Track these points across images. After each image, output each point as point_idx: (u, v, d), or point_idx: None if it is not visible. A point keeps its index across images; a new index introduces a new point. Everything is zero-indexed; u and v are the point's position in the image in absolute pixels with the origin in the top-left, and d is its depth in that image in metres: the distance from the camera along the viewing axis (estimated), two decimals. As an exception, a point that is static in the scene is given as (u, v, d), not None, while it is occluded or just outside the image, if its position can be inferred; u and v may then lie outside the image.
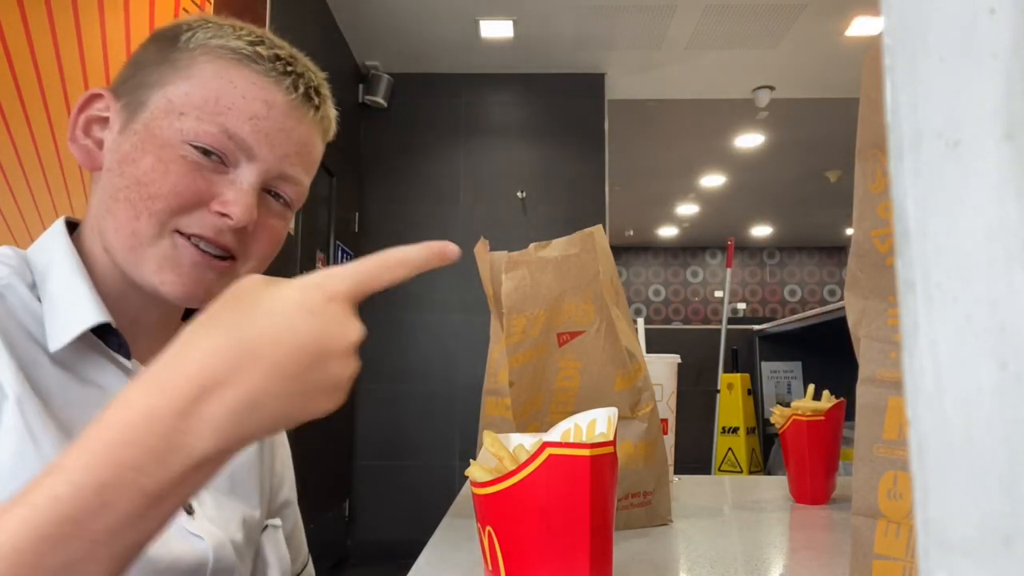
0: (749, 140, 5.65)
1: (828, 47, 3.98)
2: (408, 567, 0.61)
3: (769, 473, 3.84)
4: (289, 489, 0.80)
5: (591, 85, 4.33)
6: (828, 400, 0.91)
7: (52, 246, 0.63)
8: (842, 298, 0.55)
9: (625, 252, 8.96)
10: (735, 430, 3.83)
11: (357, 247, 4.16)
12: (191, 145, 0.60)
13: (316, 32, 3.42)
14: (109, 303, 0.62)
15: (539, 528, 0.44)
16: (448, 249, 0.51)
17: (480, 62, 4.21)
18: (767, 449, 3.96)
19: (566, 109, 4.32)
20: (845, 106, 4.64)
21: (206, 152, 0.61)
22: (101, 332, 0.60)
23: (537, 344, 0.70)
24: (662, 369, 0.92)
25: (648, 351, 0.88)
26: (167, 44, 0.64)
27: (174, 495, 0.40)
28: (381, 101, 4.14)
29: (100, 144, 0.65)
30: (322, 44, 3.49)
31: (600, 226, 0.74)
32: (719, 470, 3.79)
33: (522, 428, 0.72)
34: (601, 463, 0.46)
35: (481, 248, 0.75)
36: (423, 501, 3.95)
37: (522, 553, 0.45)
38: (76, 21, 2.50)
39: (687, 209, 7.64)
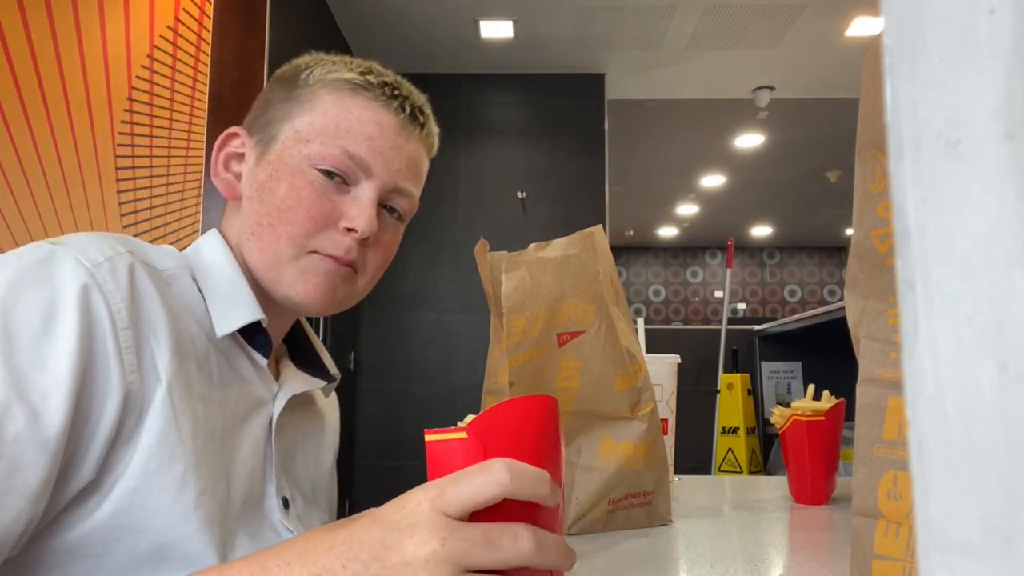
0: (749, 140, 5.65)
1: (828, 47, 3.98)
2: (408, 567, 0.61)
3: (769, 473, 3.84)
4: (327, 508, 0.86)
5: (591, 85, 4.33)
6: (828, 400, 0.91)
7: (213, 250, 0.71)
8: (842, 298, 0.55)
9: (625, 252, 8.95)
10: (735, 430, 3.82)
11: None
12: (317, 169, 0.68)
13: (316, 32, 3.42)
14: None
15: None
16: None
17: (480, 62, 4.21)
18: (767, 449, 3.96)
19: (566, 109, 4.32)
20: (845, 106, 4.64)
21: (330, 175, 0.68)
22: (246, 331, 0.67)
23: (537, 344, 0.70)
24: (662, 369, 0.92)
25: (648, 351, 0.88)
26: (289, 83, 0.72)
27: None
28: (381, 101, 4.13)
29: (239, 177, 0.73)
30: (322, 44, 3.49)
31: (600, 226, 0.74)
32: (719, 470, 3.79)
33: (522, 428, 0.72)
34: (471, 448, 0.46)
35: (481, 248, 0.75)
36: (423, 501, 3.95)
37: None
38: (76, 21, 2.50)
39: (687, 209, 7.64)
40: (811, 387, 0.96)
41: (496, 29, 3.83)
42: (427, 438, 0.46)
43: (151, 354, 0.58)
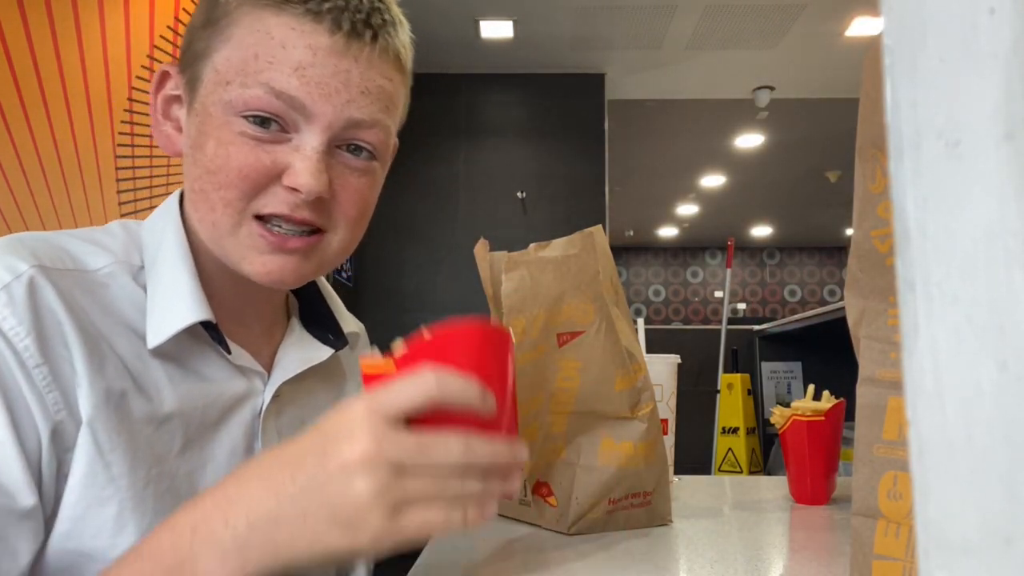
0: (749, 140, 5.65)
1: (828, 47, 3.98)
2: (408, 567, 0.61)
3: (769, 473, 3.84)
4: None
5: (591, 85, 4.33)
6: (828, 400, 0.91)
7: (165, 227, 0.60)
8: (842, 298, 0.55)
9: (625, 252, 8.96)
10: (735, 430, 3.82)
11: (357, 247, 4.15)
12: (244, 117, 0.55)
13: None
14: (216, 292, 0.60)
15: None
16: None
17: (480, 62, 4.21)
18: (767, 449, 3.96)
19: (566, 109, 4.32)
20: (845, 106, 4.64)
21: (262, 122, 0.55)
22: (207, 324, 0.58)
23: (537, 344, 0.70)
24: (662, 369, 0.92)
25: (648, 351, 0.88)
26: (210, 3, 0.58)
27: None
28: (381, 101, 4.13)
29: (179, 126, 0.61)
30: (322, 44, 3.48)
31: (600, 226, 0.74)
32: (719, 470, 3.79)
33: (522, 428, 0.72)
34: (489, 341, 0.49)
35: (481, 248, 0.75)
36: (423, 501, 3.95)
37: None
38: (76, 21, 2.50)
39: (687, 209, 7.64)
40: (811, 387, 0.96)
41: (496, 29, 3.83)
42: (362, 368, 0.48)
43: (72, 387, 0.51)
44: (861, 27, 3.77)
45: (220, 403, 0.60)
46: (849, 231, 0.49)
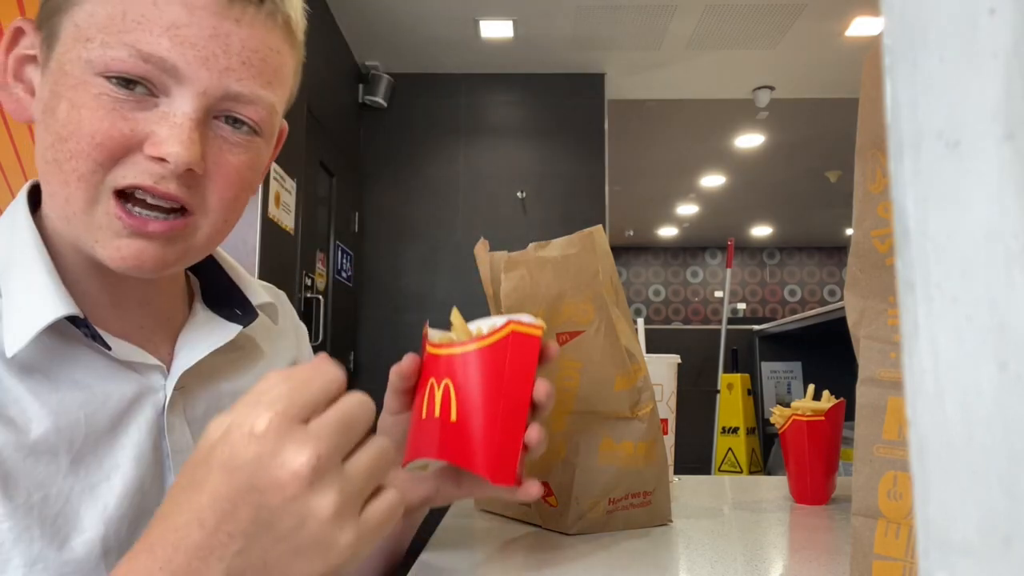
0: (749, 140, 5.65)
1: (828, 47, 3.99)
2: (408, 567, 0.61)
3: (769, 473, 3.84)
4: None
5: (591, 85, 4.34)
6: (828, 400, 0.91)
7: (14, 223, 0.54)
8: (842, 298, 0.55)
9: (625, 252, 8.96)
10: (735, 430, 3.83)
11: (357, 247, 4.16)
12: (105, 78, 0.48)
13: (316, 32, 3.42)
14: (82, 283, 0.54)
15: (493, 390, 0.50)
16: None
17: (480, 62, 4.21)
18: (767, 449, 3.96)
19: (566, 109, 4.33)
20: (845, 106, 4.65)
21: (126, 83, 0.48)
22: (77, 320, 0.51)
23: (537, 344, 0.70)
24: (662, 369, 0.92)
25: (648, 351, 0.88)
26: None
27: None
28: (381, 101, 4.14)
29: (32, 89, 0.53)
30: (322, 44, 3.49)
31: (600, 226, 0.74)
32: (719, 470, 3.79)
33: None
34: (541, 344, 0.52)
35: (481, 248, 0.75)
36: (423, 501, 3.95)
37: (475, 408, 0.50)
38: (76, 21, 2.50)
39: (687, 209, 7.64)
40: (811, 387, 0.96)
41: (496, 29, 3.83)
42: (516, 328, 0.51)
43: None
44: (861, 27, 3.78)
45: (108, 408, 0.53)
46: (849, 231, 0.49)
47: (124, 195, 0.50)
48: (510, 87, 4.36)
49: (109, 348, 0.53)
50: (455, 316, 0.53)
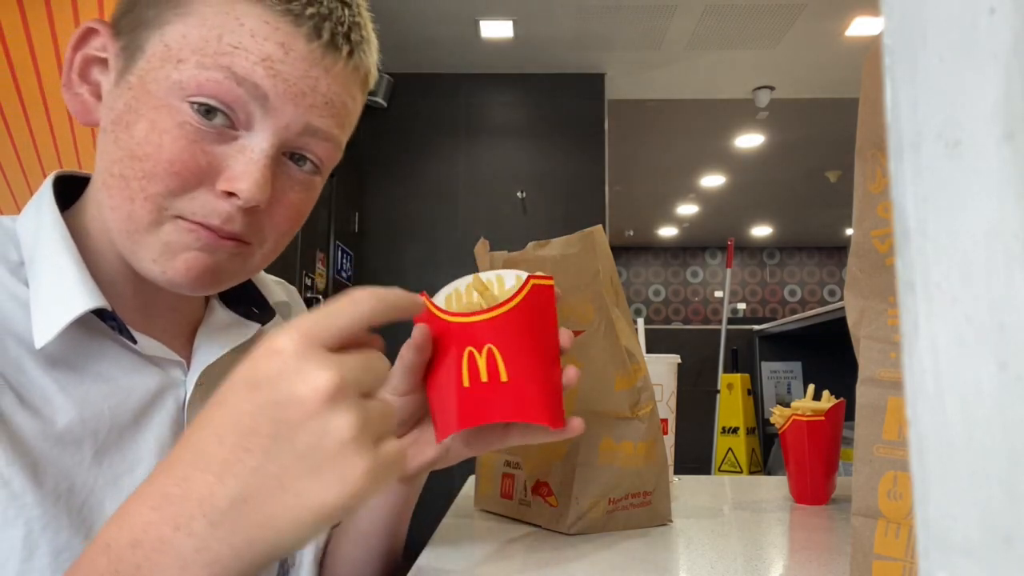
0: (749, 140, 5.65)
1: (828, 47, 3.99)
2: (408, 567, 0.61)
3: (769, 473, 3.84)
4: None
5: (591, 85, 4.34)
6: (828, 400, 0.91)
7: (40, 215, 0.54)
8: (842, 298, 0.55)
9: (625, 252, 8.96)
10: (735, 430, 3.83)
11: (357, 247, 4.16)
12: (191, 104, 0.49)
13: (316, 32, 3.42)
14: (111, 281, 0.55)
15: (534, 343, 0.54)
16: (414, 304, 0.45)
17: (480, 62, 4.21)
18: (767, 449, 3.96)
19: (566, 109, 4.32)
20: (845, 106, 4.65)
21: (210, 112, 0.49)
22: (103, 314, 0.52)
23: (537, 344, 0.70)
24: (662, 369, 0.92)
25: (648, 351, 0.88)
26: None
27: None
28: (381, 101, 4.14)
29: (98, 93, 0.54)
30: (322, 44, 3.48)
31: (600, 226, 0.74)
32: (719, 470, 3.79)
33: (522, 428, 0.72)
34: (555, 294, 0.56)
35: (481, 248, 0.75)
36: (423, 501, 3.94)
37: (524, 365, 0.53)
38: (76, 21, 2.50)
39: (687, 209, 7.64)
40: (811, 387, 0.96)
41: (496, 29, 3.83)
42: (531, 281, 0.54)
43: None
44: (861, 27, 3.78)
45: (131, 401, 0.54)
46: (849, 231, 0.49)
47: (186, 220, 0.51)
48: (510, 87, 4.36)
49: (135, 342, 0.54)
50: (479, 281, 0.55)
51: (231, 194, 0.50)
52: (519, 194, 4.25)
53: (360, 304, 0.39)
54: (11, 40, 2.48)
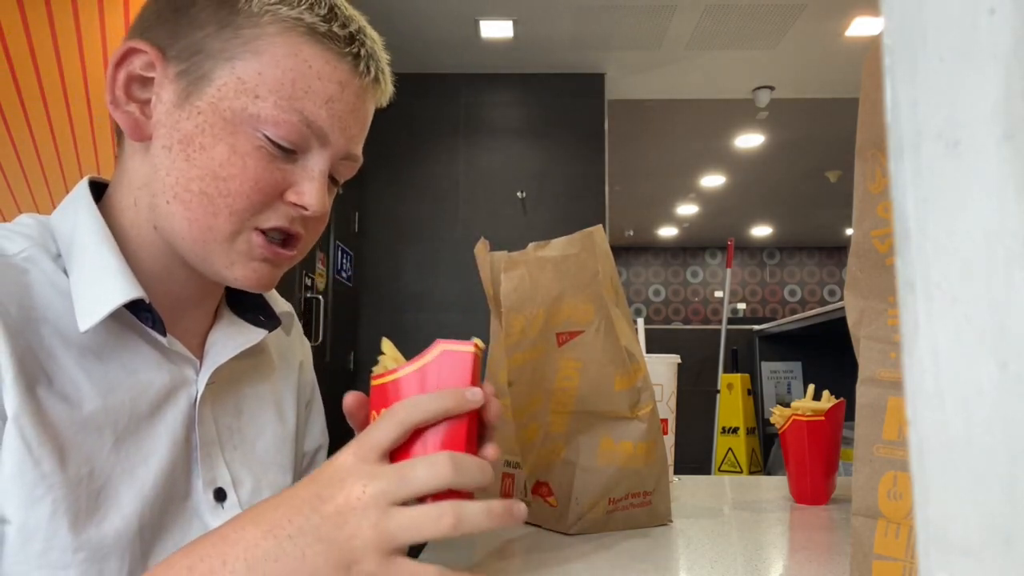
0: (749, 140, 5.65)
1: (828, 47, 3.99)
2: (408, 567, 0.61)
3: (769, 473, 3.84)
4: (320, 434, 0.80)
5: (591, 85, 4.33)
6: (828, 400, 0.91)
7: (77, 212, 0.58)
8: (842, 298, 0.55)
9: (625, 252, 8.96)
10: (735, 430, 3.82)
11: (357, 247, 4.16)
12: (267, 137, 0.56)
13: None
14: (146, 278, 0.58)
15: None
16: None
17: (480, 62, 4.21)
18: (767, 449, 3.96)
19: (566, 109, 4.32)
20: (845, 106, 4.65)
21: (280, 147, 0.57)
22: (135, 308, 0.56)
23: (536, 344, 0.70)
24: (662, 369, 0.92)
25: (648, 351, 0.88)
26: (226, 5, 0.56)
27: None
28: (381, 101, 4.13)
29: (146, 110, 0.58)
30: (322, 44, 3.48)
31: (600, 226, 0.74)
32: (719, 470, 3.79)
33: (522, 428, 0.72)
34: (478, 360, 0.52)
35: (481, 248, 0.75)
36: (423, 501, 3.95)
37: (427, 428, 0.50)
38: (76, 21, 2.50)
39: (687, 209, 7.64)
40: (811, 387, 0.96)
41: (496, 29, 3.83)
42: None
43: None
44: (861, 27, 3.77)
45: (149, 395, 0.57)
46: (849, 231, 0.49)
47: (260, 231, 0.58)
48: (510, 87, 4.35)
49: (165, 335, 0.58)
50: (386, 345, 0.53)
51: (299, 206, 0.58)
52: (519, 194, 4.25)
53: (398, 418, 0.47)
54: (11, 40, 2.48)
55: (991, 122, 0.15)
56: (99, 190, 0.63)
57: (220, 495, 0.62)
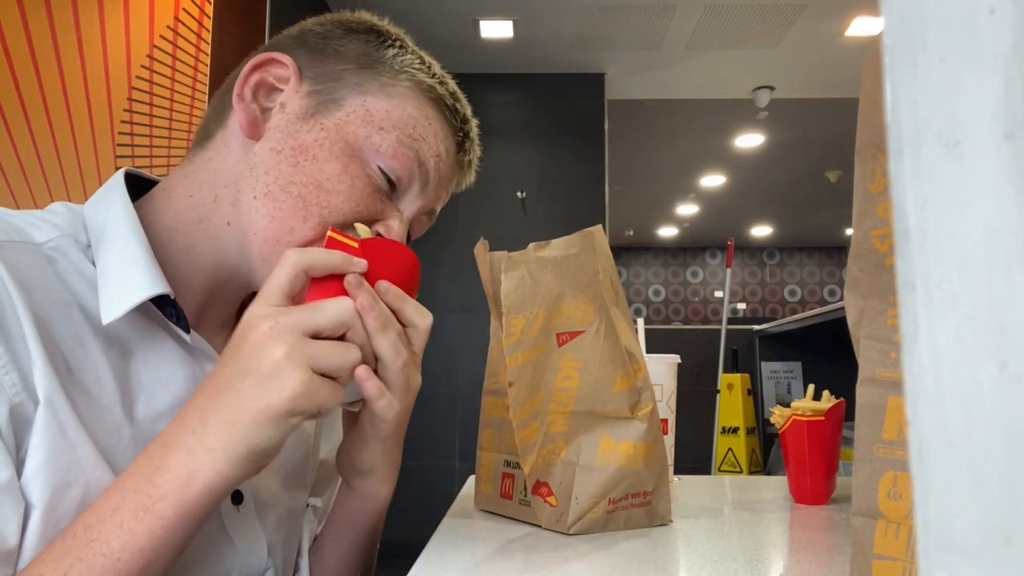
0: (749, 140, 5.65)
1: (828, 47, 3.98)
2: (408, 567, 0.61)
3: (769, 473, 3.84)
4: (335, 447, 0.81)
5: (591, 85, 4.33)
6: (828, 400, 0.90)
7: (110, 204, 0.59)
8: (842, 298, 0.55)
9: (625, 252, 8.95)
10: (735, 430, 3.82)
11: (357, 247, 4.15)
12: (379, 167, 0.61)
13: (316, 32, 3.42)
14: (175, 274, 0.59)
15: None
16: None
17: (480, 62, 4.21)
18: (767, 449, 3.96)
19: (566, 109, 4.32)
20: (845, 106, 4.64)
21: (389, 180, 0.62)
22: (159, 303, 0.57)
23: (536, 344, 0.70)
24: (662, 369, 0.92)
25: (648, 351, 0.88)
26: (373, 49, 0.63)
27: (174, 513, 0.48)
28: (381, 101, 4.13)
29: (266, 114, 0.62)
30: (322, 44, 3.48)
31: (600, 226, 0.74)
32: (719, 470, 3.79)
33: (522, 428, 0.72)
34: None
35: (481, 248, 0.75)
36: (423, 501, 3.95)
37: None
38: (76, 21, 2.49)
39: (687, 209, 7.63)
40: (811, 387, 0.96)
41: (496, 29, 3.83)
42: (330, 234, 0.56)
43: (28, 367, 0.50)
44: (861, 27, 3.77)
45: (168, 391, 0.58)
46: (849, 231, 0.49)
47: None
48: (510, 87, 4.35)
49: (188, 332, 0.59)
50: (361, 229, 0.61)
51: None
52: (519, 194, 4.25)
53: (286, 264, 0.52)
54: (11, 40, 2.48)
55: (991, 122, 0.15)
56: (134, 183, 0.63)
57: (237, 497, 0.63)
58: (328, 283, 0.54)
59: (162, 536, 0.47)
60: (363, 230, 0.61)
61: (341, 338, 0.53)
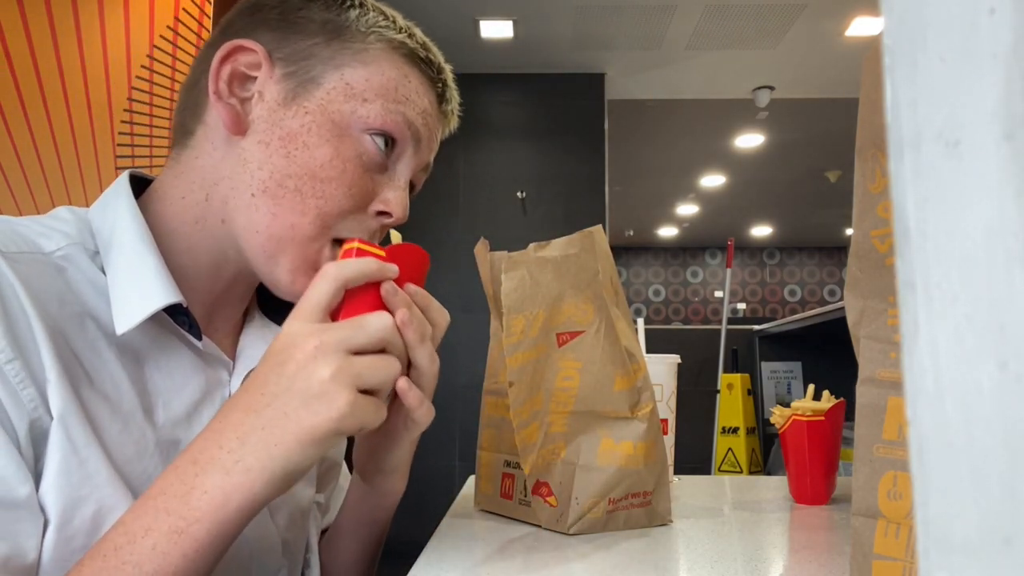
0: (749, 140, 5.65)
1: (828, 47, 3.98)
2: (408, 567, 0.61)
3: (769, 473, 3.84)
4: (339, 452, 0.82)
5: (591, 85, 4.33)
6: (828, 400, 0.90)
7: (117, 209, 0.58)
8: (842, 298, 0.55)
9: (625, 252, 8.95)
10: (735, 430, 3.82)
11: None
12: (371, 135, 0.59)
13: (316, 32, 3.42)
14: (183, 277, 0.59)
15: None
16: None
17: (480, 62, 4.21)
18: (767, 449, 3.96)
19: (566, 109, 4.32)
20: (845, 106, 4.64)
21: (387, 142, 0.60)
22: (171, 311, 0.56)
23: (536, 344, 0.70)
24: (662, 369, 0.92)
25: (648, 351, 0.88)
26: (335, 15, 0.60)
27: (208, 534, 0.47)
28: (381, 101, 4.13)
29: (246, 105, 0.59)
30: (322, 44, 3.48)
31: (600, 226, 0.74)
32: (719, 470, 3.79)
33: (522, 428, 0.72)
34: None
35: (481, 248, 0.75)
36: (423, 501, 3.95)
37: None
38: (76, 21, 2.50)
39: (687, 209, 7.63)
40: (811, 387, 0.96)
41: (496, 29, 3.83)
42: (357, 245, 0.56)
43: (43, 382, 0.49)
44: (861, 27, 3.77)
45: (184, 397, 0.58)
46: (849, 231, 0.49)
47: (335, 241, 0.60)
48: (510, 87, 4.35)
49: (200, 339, 0.58)
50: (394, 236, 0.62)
51: (383, 213, 0.61)
52: (519, 194, 4.25)
53: (326, 278, 0.51)
54: (11, 40, 2.48)
55: (991, 122, 0.15)
56: (135, 185, 0.62)
57: None
58: (363, 291, 0.54)
59: (194, 559, 0.46)
60: (396, 236, 0.62)
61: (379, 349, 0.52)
